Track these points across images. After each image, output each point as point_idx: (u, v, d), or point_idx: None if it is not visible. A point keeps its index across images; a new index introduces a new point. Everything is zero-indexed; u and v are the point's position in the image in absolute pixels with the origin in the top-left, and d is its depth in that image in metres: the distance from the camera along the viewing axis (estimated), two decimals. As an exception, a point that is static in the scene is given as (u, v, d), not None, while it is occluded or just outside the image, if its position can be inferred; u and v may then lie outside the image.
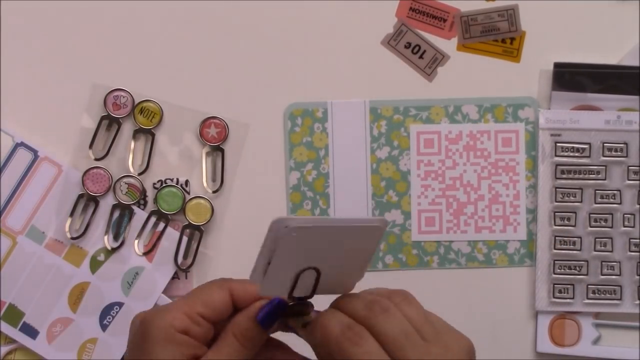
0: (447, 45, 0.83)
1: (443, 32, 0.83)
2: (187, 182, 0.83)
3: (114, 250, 0.83)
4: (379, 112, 0.84)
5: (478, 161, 0.84)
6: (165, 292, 0.83)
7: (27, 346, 0.82)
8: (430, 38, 0.83)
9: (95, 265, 0.83)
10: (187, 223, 0.84)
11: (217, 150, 0.84)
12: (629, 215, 0.83)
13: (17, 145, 0.82)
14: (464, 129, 0.84)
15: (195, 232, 0.84)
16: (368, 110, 0.84)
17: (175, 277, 0.84)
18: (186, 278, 0.84)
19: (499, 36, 0.83)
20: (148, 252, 0.83)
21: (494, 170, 0.84)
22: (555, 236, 0.83)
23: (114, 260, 0.83)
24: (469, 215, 0.84)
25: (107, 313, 0.82)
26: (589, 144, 0.83)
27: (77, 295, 0.83)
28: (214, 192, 0.84)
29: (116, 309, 0.83)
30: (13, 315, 0.82)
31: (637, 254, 0.83)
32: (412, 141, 0.84)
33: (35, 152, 0.83)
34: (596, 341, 0.82)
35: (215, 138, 0.83)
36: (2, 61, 0.83)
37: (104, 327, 0.82)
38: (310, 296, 0.57)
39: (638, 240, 0.82)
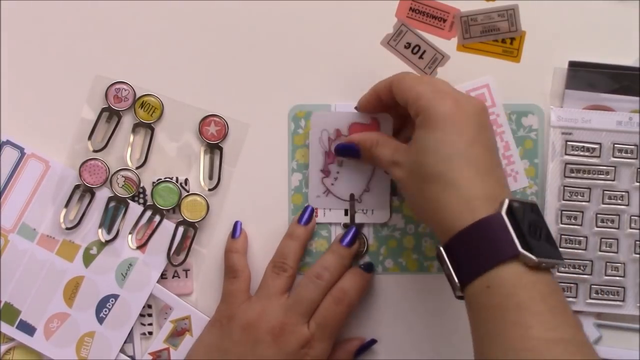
0: (447, 45, 0.78)
1: (443, 32, 0.78)
2: (186, 180, 0.78)
3: (107, 242, 0.78)
4: None
5: None
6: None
7: (25, 343, 0.77)
8: (430, 38, 0.78)
9: (88, 259, 0.78)
10: (181, 219, 0.78)
11: (215, 148, 0.78)
12: (636, 217, 0.77)
13: (3, 144, 0.78)
14: None
15: (189, 229, 0.78)
16: None
17: (175, 276, 0.79)
18: (187, 277, 0.79)
19: (499, 36, 0.78)
20: (141, 246, 0.78)
21: None
22: (561, 234, 0.77)
23: (107, 253, 0.78)
24: None
25: (103, 306, 0.77)
26: (600, 144, 0.77)
27: (72, 290, 0.77)
28: (210, 190, 0.78)
29: (112, 301, 0.77)
30: (9, 313, 0.77)
31: (642, 255, 0.76)
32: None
33: (21, 150, 0.78)
34: (597, 341, 0.77)
35: (214, 136, 0.78)
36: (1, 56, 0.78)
37: (100, 320, 0.77)
38: None
39: (643, 242, 0.76)
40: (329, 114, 0.78)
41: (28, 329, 0.78)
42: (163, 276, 0.79)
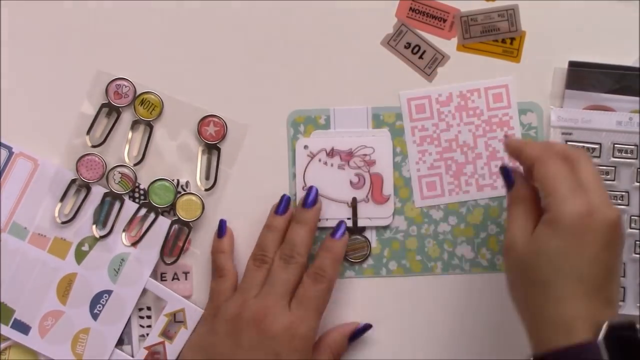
0: (447, 45, 0.77)
1: (443, 32, 0.77)
2: (187, 182, 0.78)
3: (99, 239, 0.77)
4: (381, 118, 0.78)
5: (471, 120, 0.78)
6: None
7: (21, 342, 0.76)
8: (430, 38, 0.77)
9: (80, 255, 0.77)
10: (176, 218, 0.77)
11: (213, 148, 0.77)
12: (636, 217, 0.76)
13: (-9, 145, 0.76)
14: (453, 91, 0.78)
15: (183, 228, 0.78)
16: (370, 117, 0.78)
17: (175, 278, 0.78)
18: (186, 279, 0.78)
19: (499, 36, 0.77)
20: (135, 243, 0.77)
21: (489, 127, 0.77)
22: None
23: (99, 249, 0.77)
24: (469, 175, 0.78)
25: (97, 302, 0.76)
26: (600, 144, 0.76)
27: (65, 287, 0.76)
28: (207, 190, 0.78)
29: (105, 297, 0.76)
30: (3, 313, 0.76)
31: (642, 256, 0.74)
32: (404, 108, 0.78)
33: (9, 149, 0.77)
34: None
35: (213, 136, 0.77)
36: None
37: (95, 316, 0.76)
38: None
39: (643, 243, 0.74)
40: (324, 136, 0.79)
41: (23, 328, 0.77)
42: (163, 278, 0.78)
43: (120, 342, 0.78)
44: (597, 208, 0.62)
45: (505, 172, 0.70)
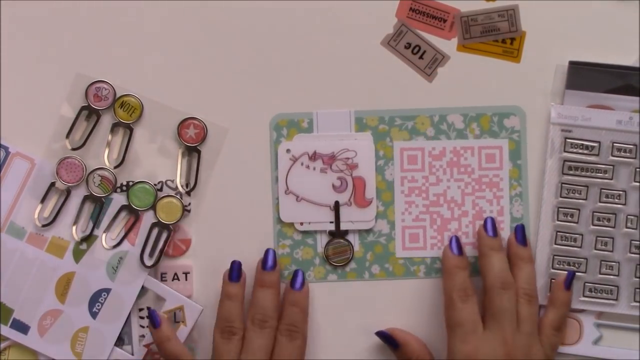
0: (447, 45, 0.77)
1: (443, 32, 0.77)
2: (167, 182, 0.78)
3: (84, 240, 0.77)
4: (364, 122, 0.77)
5: (462, 177, 0.78)
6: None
7: (20, 342, 0.76)
8: (430, 38, 0.77)
9: (78, 254, 0.77)
10: (156, 221, 0.77)
11: (193, 151, 0.77)
12: (632, 217, 0.75)
13: (-13, 145, 0.75)
14: (447, 145, 0.78)
15: (163, 231, 0.77)
16: (353, 120, 0.78)
17: (175, 278, 0.78)
18: (186, 279, 0.78)
19: (499, 36, 0.77)
20: (116, 246, 0.77)
21: (478, 186, 0.78)
22: (557, 231, 0.76)
23: (97, 247, 0.77)
24: (453, 232, 0.78)
25: (96, 300, 0.76)
26: (599, 142, 0.76)
27: (63, 286, 0.76)
28: (187, 192, 0.78)
29: (104, 295, 0.76)
30: (2, 312, 0.76)
31: (637, 256, 0.75)
32: (396, 157, 0.78)
33: (6, 149, 0.77)
34: (597, 341, 0.76)
35: (193, 139, 0.77)
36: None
37: (94, 315, 0.76)
38: None
39: (639, 242, 0.76)
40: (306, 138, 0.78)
41: (22, 328, 0.77)
42: (163, 278, 0.78)
43: (120, 342, 0.78)
44: None
45: (383, 337, 0.77)
